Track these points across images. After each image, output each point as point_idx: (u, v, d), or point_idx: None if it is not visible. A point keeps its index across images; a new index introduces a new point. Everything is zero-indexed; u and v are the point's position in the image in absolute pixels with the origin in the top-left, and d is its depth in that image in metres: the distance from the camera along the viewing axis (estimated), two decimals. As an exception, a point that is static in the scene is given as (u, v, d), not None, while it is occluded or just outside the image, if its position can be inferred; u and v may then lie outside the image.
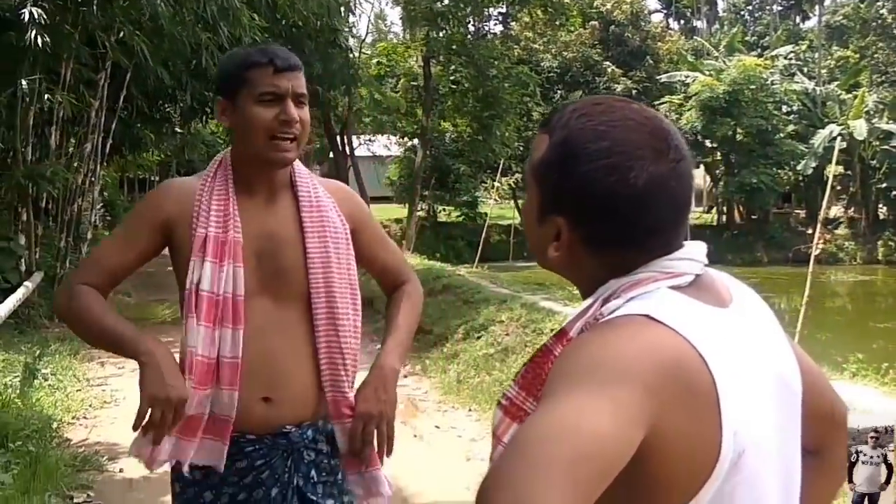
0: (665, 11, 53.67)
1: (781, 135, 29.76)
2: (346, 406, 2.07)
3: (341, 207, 2.13)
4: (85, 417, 6.54)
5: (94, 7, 9.85)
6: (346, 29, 17.03)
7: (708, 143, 29.35)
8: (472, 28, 20.12)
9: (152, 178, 49.41)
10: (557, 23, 20.86)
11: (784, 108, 29.00)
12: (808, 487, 1.22)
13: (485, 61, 18.43)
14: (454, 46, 19.03)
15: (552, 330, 7.35)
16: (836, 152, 10.40)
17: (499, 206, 24.20)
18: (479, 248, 13.27)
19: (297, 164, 2.12)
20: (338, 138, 20.63)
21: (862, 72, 33.96)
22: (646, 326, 1.04)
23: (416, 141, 23.44)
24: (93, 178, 13.25)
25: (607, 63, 29.21)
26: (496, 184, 17.27)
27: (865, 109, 29.22)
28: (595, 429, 0.92)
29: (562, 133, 1.16)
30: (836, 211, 31.45)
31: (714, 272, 1.22)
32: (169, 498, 5.17)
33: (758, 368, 1.13)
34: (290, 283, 2.04)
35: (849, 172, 30.70)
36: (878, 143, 30.55)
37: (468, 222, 26.93)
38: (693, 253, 1.16)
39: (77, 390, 7.21)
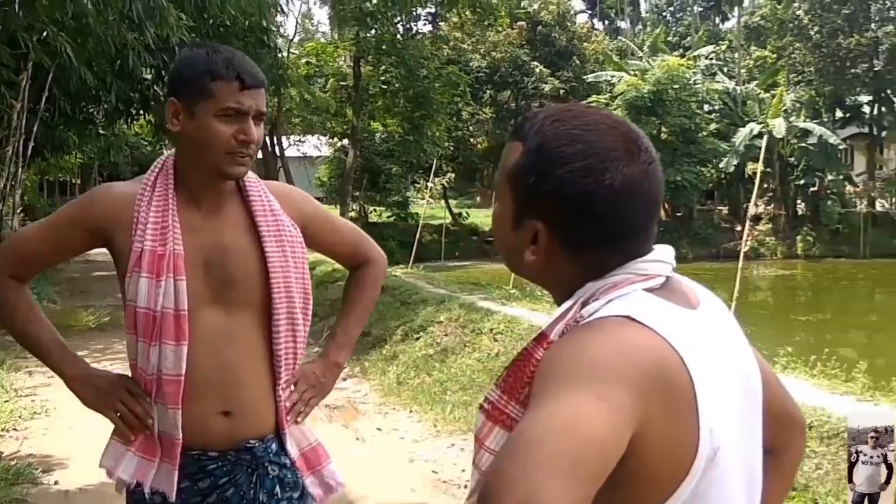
0: (590, 12, 54.42)
1: (704, 133, 30.45)
2: (289, 412, 2.06)
3: (287, 208, 2.08)
4: (15, 429, 6.33)
5: (16, 7, 9.55)
6: (275, 28, 16.85)
7: (634, 142, 29.81)
8: (401, 28, 20.11)
9: (73, 181, 48.24)
10: (486, 23, 20.95)
11: (706, 108, 29.68)
12: (765, 486, 1.25)
13: (415, 61, 18.45)
14: (384, 46, 19.00)
15: (491, 330, 7.45)
16: (763, 151, 10.68)
17: (430, 207, 24.25)
18: (414, 248, 13.26)
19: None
20: (267, 139, 20.40)
21: (780, 71, 34.95)
22: (628, 327, 1.06)
23: (345, 141, 23.34)
24: (13, 182, 12.86)
25: (535, 63, 29.50)
26: (429, 184, 17.25)
27: (784, 108, 30.08)
28: (592, 430, 0.95)
29: (536, 139, 1.18)
30: (758, 207, 32.34)
31: (677, 275, 1.24)
32: (106, 509, 5.01)
33: (725, 369, 1.17)
34: (242, 293, 1.98)
35: (769, 170, 31.59)
36: (795, 140, 31.48)
37: (399, 223, 26.89)
38: (663, 255, 1.20)
39: (5, 401, 6.99)
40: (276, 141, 20.97)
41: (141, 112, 18.02)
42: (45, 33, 9.82)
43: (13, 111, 11.14)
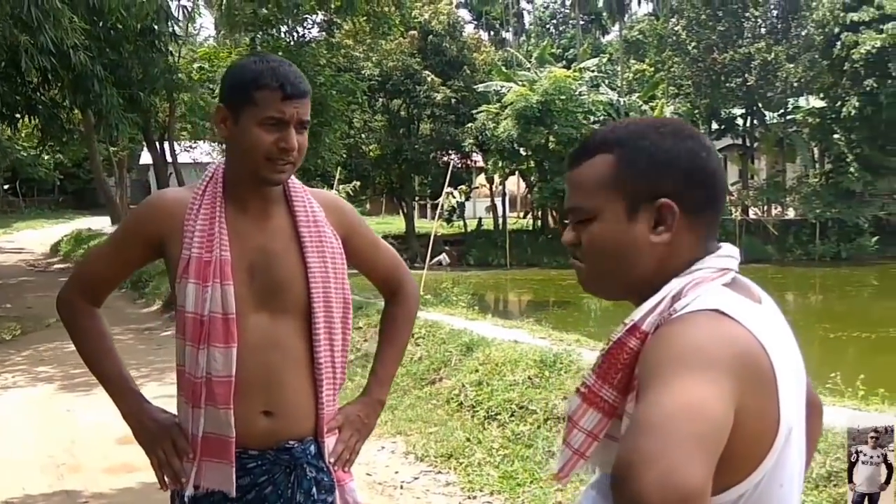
0: (475, 23, 55.22)
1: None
2: (330, 420, 2.11)
3: (332, 218, 2.14)
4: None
5: None
6: (168, 32, 16.50)
7: (522, 152, 30.39)
8: (295, 35, 19.93)
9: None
10: (380, 31, 20.97)
11: (591, 118, 30.46)
12: None
13: (311, 68, 18.34)
14: (280, 53, 18.82)
15: (413, 335, 7.51)
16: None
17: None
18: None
19: (292, 178, 2.12)
20: (157, 144, 19.90)
21: (659, 84, 36.26)
22: (719, 321, 1.20)
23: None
24: None
25: (427, 72, 29.65)
26: (334, 191, 17.19)
27: (663, 119, 31.20)
28: (713, 410, 1.08)
29: (627, 139, 1.36)
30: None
31: (752, 285, 1.41)
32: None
33: (789, 357, 1.31)
34: (286, 298, 2.04)
35: (651, 178, 32.66)
36: (675, 150, 32.70)
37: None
38: (733, 252, 1.37)
39: None
40: (168, 146, 20.43)
41: (25, 116, 17.37)
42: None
43: None
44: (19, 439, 6.30)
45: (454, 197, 15.53)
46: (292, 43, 19.47)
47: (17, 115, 17.38)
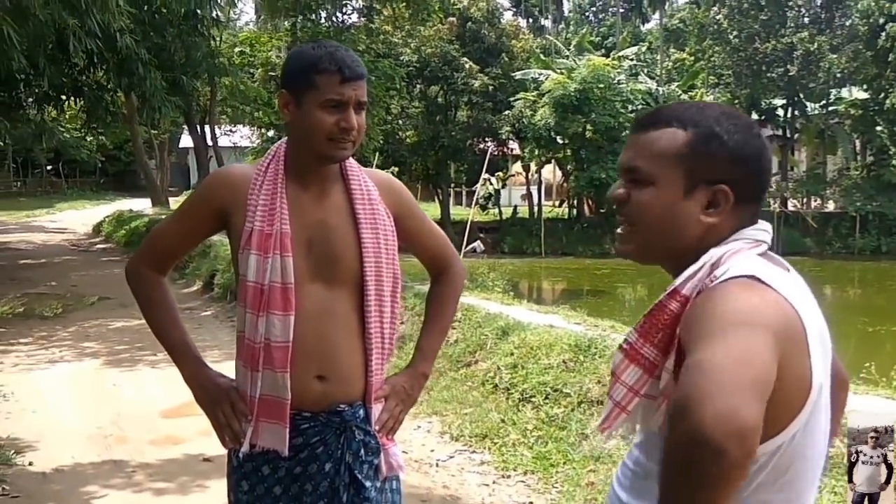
0: (514, 10, 55.01)
1: (627, 132, 31.05)
2: (378, 389, 2.23)
3: (385, 198, 2.26)
4: (-26, 416, 6.31)
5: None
6: (210, 17, 16.71)
7: (559, 140, 30.35)
8: (334, 20, 20.09)
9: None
10: (419, 17, 21.07)
11: (630, 107, 30.31)
12: None
13: (351, 54, 18.51)
14: (319, 37, 18.98)
15: (448, 317, 7.64)
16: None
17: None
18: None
19: (350, 159, 2.23)
20: (198, 128, 20.17)
21: (699, 74, 35.95)
22: (757, 286, 1.31)
23: (272, 133, 23.17)
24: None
25: (465, 59, 29.69)
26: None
27: (703, 109, 30.93)
28: (761, 359, 1.19)
29: (701, 116, 1.46)
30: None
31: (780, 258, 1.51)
32: (89, 487, 5.12)
33: (816, 323, 1.39)
34: (341, 270, 2.16)
35: (688, 169, 32.41)
36: (711, 140, 32.40)
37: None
38: (766, 227, 1.47)
39: (-39, 385, 6.96)
40: (210, 130, 20.70)
41: (71, 98, 17.70)
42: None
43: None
44: (68, 411, 6.50)
45: (491, 184, 15.56)
46: (332, 28, 19.63)
47: (64, 97, 17.75)
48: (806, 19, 33.38)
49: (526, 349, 6.27)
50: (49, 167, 49.87)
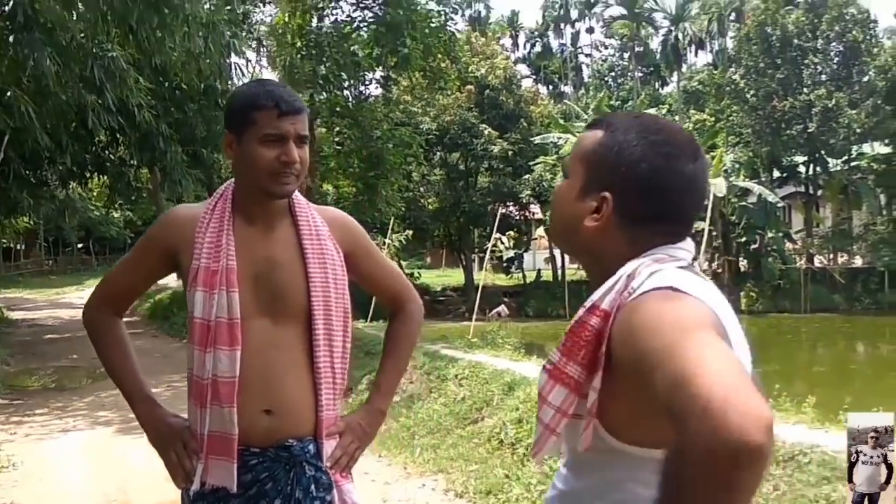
0: (534, 77, 55.77)
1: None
2: (330, 425, 2.21)
3: (336, 234, 2.27)
4: (-15, 482, 6.34)
5: (-22, 68, 9.64)
6: (230, 91, 17.06)
7: (581, 202, 30.35)
8: (353, 92, 20.44)
9: (17, 247, 47.54)
10: (436, 86, 21.41)
11: (650, 169, 30.27)
12: None
13: (368, 123, 18.77)
14: (338, 108, 19.32)
15: (456, 376, 7.64)
16: (709, 209, 11.10)
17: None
18: (371, 304, 13.42)
19: (297, 195, 2.25)
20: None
21: (718, 133, 36.04)
22: (679, 296, 1.26)
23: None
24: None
25: (484, 125, 30.03)
26: (387, 240, 17.45)
27: (724, 168, 31.00)
28: (734, 355, 1.14)
29: (623, 125, 1.43)
30: (702, 264, 33.03)
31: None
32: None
33: (736, 332, 1.35)
34: (288, 304, 2.16)
35: (711, 228, 32.38)
36: (736, 199, 32.38)
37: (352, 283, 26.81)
38: (689, 247, 1.43)
39: (-31, 458, 6.99)
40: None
41: (95, 174, 18.09)
42: (7, 94, 9.93)
43: (-28, 171, 11.17)
44: (75, 478, 6.51)
45: (503, 242, 15.60)
46: (351, 100, 19.98)
47: (87, 174, 18.14)
48: (823, 76, 33.48)
49: (531, 403, 6.21)
50: (80, 245, 50.68)
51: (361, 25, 19.60)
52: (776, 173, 35.53)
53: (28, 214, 18.81)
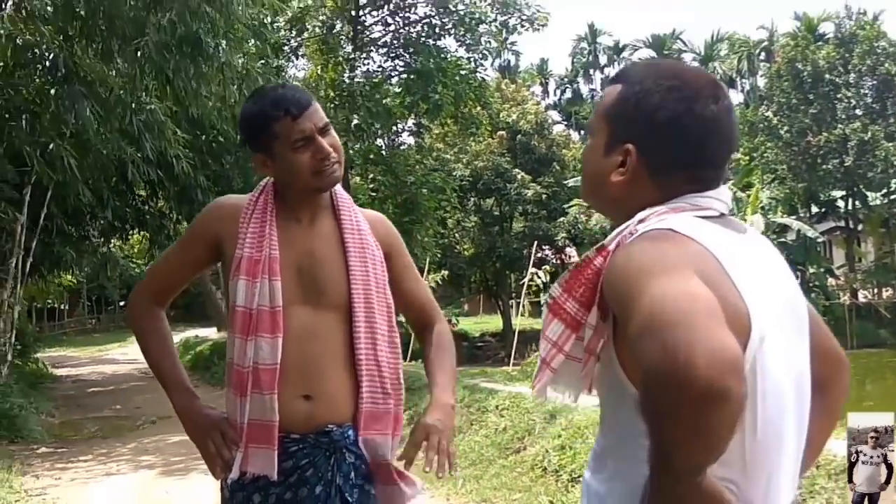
0: (566, 123, 56.03)
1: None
2: (377, 420, 2.19)
3: (376, 233, 2.31)
4: (31, 528, 6.39)
5: (23, 122, 9.93)
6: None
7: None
8: (387, 140, 20.72)
9: (62, 307, 48.29)
10: (468, 132, 21.62)
11: (685, 207, 30.13)
12: (810, 422, 1.37)
13: (402, 169, 18.96)
14: (371, 156, 19.56)
15: (497, 406, 7.59)
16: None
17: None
18: (410, 344, 13.44)
19: (340, 190, 2.30)
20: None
21: (753, 171, 35.81)
22: (670, 236, 1.25)
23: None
24: (13, 300, 13.02)
25: (517, 170, 30.18)
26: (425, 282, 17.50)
27: (760, 205, 30.75)
28: (701, 291, 1.12)
29: (638, 75, 1.43)
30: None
31: (740, 222, 1.44)
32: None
33: (768, 284, 1.31)
34: (328, 295, 2.19)
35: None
36: (775, 236, 32.02)
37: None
38: (721, 194, 1.39)
39: (16, 501, 7.04)
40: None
41: (135, 228, 18.41)
42: (49, 146, 10.20)
43: (17, 224, 11.43)
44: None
45: (539, 277, 15.59)
46: (385, 148, 20.24)
47: (128, 228, 18.47)
48: (857, 110, 33.23)
49: (574, 430, 6.17)
50: (122, 303, 51.26)
51: (392, 75, 19.91)
52: (814, 209, 35.14)
53: (71, 269, 19.16)
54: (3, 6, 8.99)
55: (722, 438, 1.05)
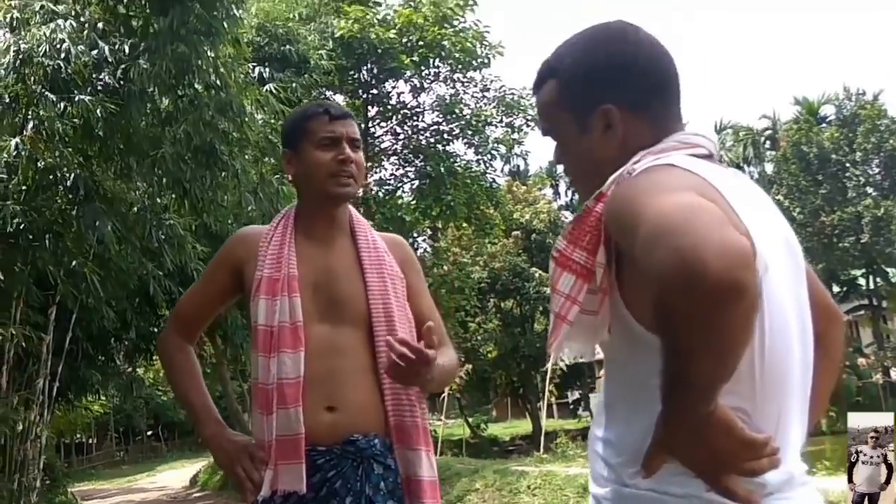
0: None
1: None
2: (408, 434, 2.22)
3: (393, 253, 2.39)
4: None
5: (47, 243, 10.13)
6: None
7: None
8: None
9: (90, 441, 48.00)
10: (483, 232, 21.83)
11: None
12: (815, 371, 1.39)
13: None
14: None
15: (529, 486, 7.47)
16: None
17: (447, 426, 24.14)
18: (439, 439, 13.32)
19: (357, 214, 2.40)
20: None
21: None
22: (674, 170, 1.30)
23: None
24: (39, 428, 12.98)
25: (534, 269, 30.26)
26: (443, 396, 17.39)
27: (782, 288, 30.52)
28: (706, 202, 1.14)
29: (565, 58, 1.51)
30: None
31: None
32: None
33: (767, 221, 1.35)
34: (348, 312, 2.25)
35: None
36: (799, 318, 31.73)
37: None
38: (706, 132, 1.46)
39: None
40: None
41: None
42: (73, 264, 10.36)
43: (43, 344, 11.49)
44: None
45: (562, 360, 15.36)
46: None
47: (152, 350, 18.49)
48: (868, 188, 33.37)
49: (606, 499, 6.06)
50: (149, 433, 50.97)
51: (404, 181, 20.28)
52: (836, 288, 34.89)
53: (97, 393, 19.15)
54: (24, 129, 9.32)
55: (737, 342, 1.05)
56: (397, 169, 20.55)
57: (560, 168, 1.59)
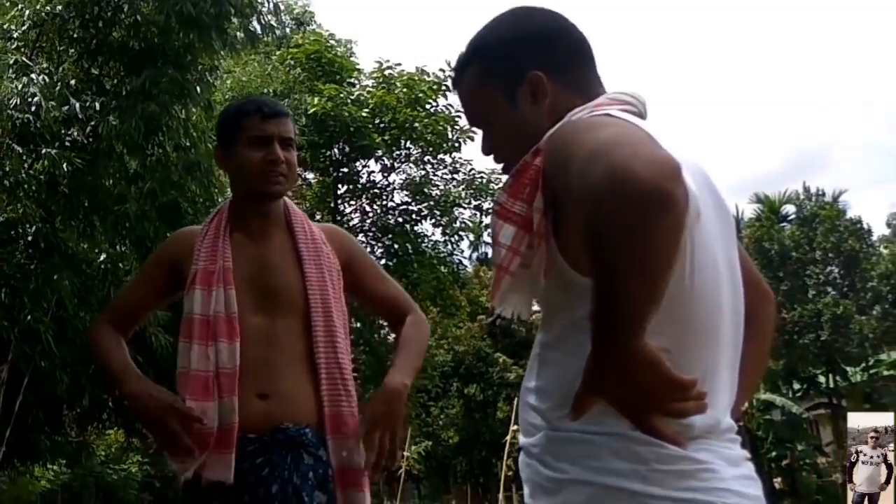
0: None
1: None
2: (343, 424, 2.23)
3: (332, 243, 2.42)
4: None
5: (3, 296, 9.98)
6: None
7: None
8: (367, 322, 20.83)
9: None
10: (449, 313, 21.82)
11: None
12: (744, 351, 1.43)
13: (382, 351, 19.00)
14: (351, 337, 19.59)
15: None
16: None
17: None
18: None
19: (292, 205, 2.43)
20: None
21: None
22: (608, 118, 1.36)
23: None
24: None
25: (499, 354, 30.21)
26: (405, 453, 17.10)
27: (743, 383, 30.59)
28: (636, 129, 1.22)
29: (481, 42, 1.59)
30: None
31: None
32: None
33: (702, 178, 1.39)
34: (284, 304, 2.28)
35: (739, 444, 31.45)
36: (759, 413, 31.75)
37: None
38: (635, 91, 1.51)
39: None
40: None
41: (112, 417, 17.97)
42: (28, 319, 10.18)
43: (-10, 408, 11.18)
44: None
45: (504, 317, 15.14)
46: (365, 331, 20.33)
47: (105, 418, 18.05)
48: (828, 287, 33.84)
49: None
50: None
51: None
52: (797, 385, 35.03)
53: (45, 460, 18.54)
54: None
55: (665, 260, 1.06)
56: (365, 247, 20.64)
57: (490, 158, 1.62)
